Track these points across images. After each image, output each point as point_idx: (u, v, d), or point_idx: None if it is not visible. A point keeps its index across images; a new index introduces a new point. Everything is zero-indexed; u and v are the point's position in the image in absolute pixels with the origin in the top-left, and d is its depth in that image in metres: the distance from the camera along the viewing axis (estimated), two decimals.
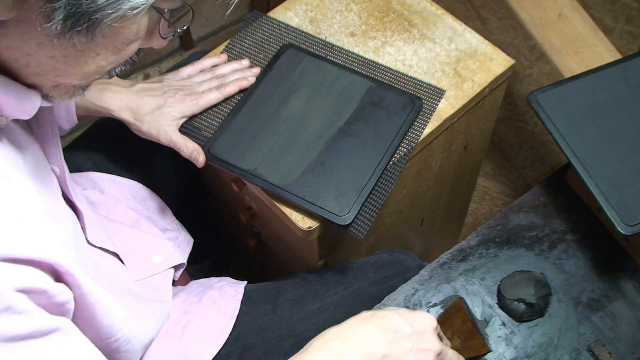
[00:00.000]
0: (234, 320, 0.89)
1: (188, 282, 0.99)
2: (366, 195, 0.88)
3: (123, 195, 0.97)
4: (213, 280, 0.96)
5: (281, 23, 1.06)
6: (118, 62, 0.59)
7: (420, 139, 0.94)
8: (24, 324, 0.52)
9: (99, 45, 0.56)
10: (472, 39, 1.03)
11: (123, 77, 1.02)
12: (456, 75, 1.00)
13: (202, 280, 0.97)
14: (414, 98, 0.96)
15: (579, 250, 0.93)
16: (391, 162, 0.92)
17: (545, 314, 0.88)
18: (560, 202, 0.97)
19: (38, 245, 0.55)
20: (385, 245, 1.13)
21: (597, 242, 0.93)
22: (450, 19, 1.05)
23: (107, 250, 0.80)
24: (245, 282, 0.96)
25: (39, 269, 0.55)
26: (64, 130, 0.91)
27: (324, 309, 0.91)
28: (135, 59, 0.62)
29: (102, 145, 1.01)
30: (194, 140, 0.92)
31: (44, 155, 0.70)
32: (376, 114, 0.95)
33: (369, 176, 0.89)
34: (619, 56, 1.21)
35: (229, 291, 0.93)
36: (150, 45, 0.63)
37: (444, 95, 0.98)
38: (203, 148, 0.92)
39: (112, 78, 0.92)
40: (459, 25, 1.05)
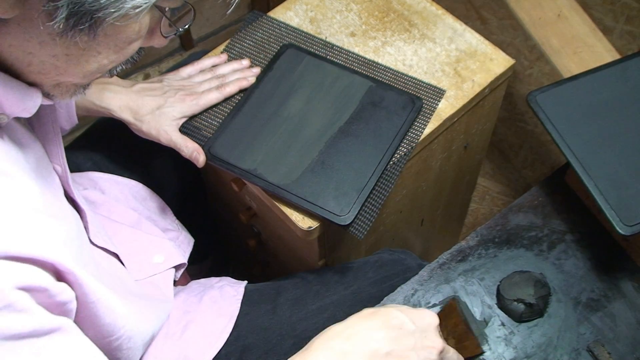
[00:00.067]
0: (234, 320, 0.89)
1: (188, 282, 0.99)
2: (366, 195, 0.88)
3: (124, 195, 0.97)
4: (213, 280, 0.96)
5: (281, 23, 1.06)
6: (119, 61, 0.60)
7: (420, 139, 0.94)
8: (24, 323, 0.52)
9: (101, 44, 0.56)
10: (472, 39, 1.03)
11: (123, 77, 1.02)
12: (456, 75, 1.00)
13: (202, 280, 0.97)
14: (414, 98, 0.96)
15: (579, 250, 0.93)
16: (391, 162, 0.92)
17: (544, 314, 0.88)
18: (560, 203, 0.97)
19: (39, 244, 0.55)
20: (385, 245, 1.13)
21: (597, 243, 0.93)
22: (450, 19, 1.06)
23: (108, 250, 0.80)
24: (246, 282, 0.96)
25: (41, 267, 0.55)
26: (64, 130, 0.91)
27: (324, 308, 0.91)
28: (136, 58, 0.63)
29: (103, 145, 1.01)
30: (194, 140, 0.92)
31: (45, 154, 0.70)
32: (376, 114, 0.95)
33: (369, 176, 0.90)
34: (618, 56, 1.21)
35: (229, 291, 0.93)
36: (152, 44, 0.63)
37: (444, 95, 0.98)
38: (203, 148, 0.92)
39: (112, 78, 0.92)
40: (459, 25, 1.05)
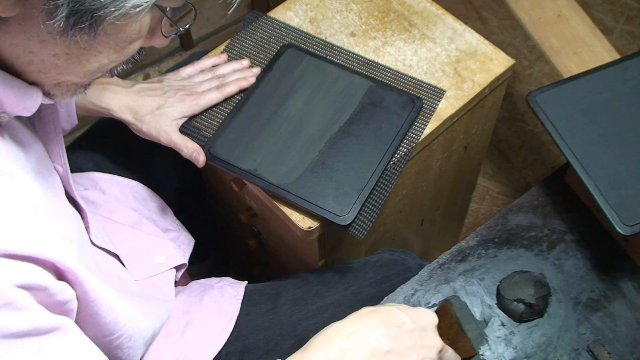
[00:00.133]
0: (235, 320, 0.89)
1: (188, 283, 0.99)
2: (366, 196, 0.88)
3: (124, 196, 0.97)
4: (213, 280, 0.96)
5: (281, 23, 1.06)
6: (120, 61, 0.60)
7: (420, 139, 0.94)
8: (23, 321, 0.52)
9: (101, 43, 0.56)
10: (472, 39, 1.03)
11: (123, 77, 1.02)
12: (456, 75, 1.00)
13: (203, 280, 0.97)
14: (414, 98, 0.96)
15: (578, 250, 0.93)
16: (391, 162, 0.92)
17: (544, 314, 0.88)
18: (560, 203, 0.97)
19: (40, 242, 0.55)
20: (386, 245, 1.13)
21: (597, 243, 0.93)
22: (450, 19, 1.06)
23: (109, 251, 0.80)
24: (246, 282, 0.96)
25: (41, 266, 0.55)
26: (64, 131, 0.90)
27: (325, 308, 0.91)
28: (137, 57, 0.63)
29: (103, 145, 1.01)
30: (194, 140, 0.92)
31: (46, 153, 0.70)
32: (376, 114, 0.95)
33: (369, 176, 0.90)
34: (618, 56, 1.21)
35: (230, 291, 0.93)
36: (152, 44, 0.63)
37: (444, 95, 0.98)
38: (203, 148, 0.92)
39: (112, 78, 0.92)
40: (459, 25, 1.05)
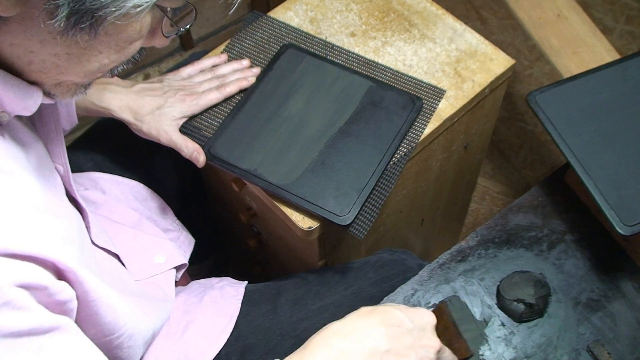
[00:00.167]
0: (235, 320, 0.89)
1: (188, 283, 0.99)
2: (366, 196, 0.88)
3: (124, 196, 0.97)
4: (213, 280, 0.96)
5: (281, 23, 1.06)
6: (120, 61, 0.60)
7: (420, 139, 0.94)
8: (23, 320, 0.52)
9: (102, 43, 0.56)
10: (472, 39, 1.03)
11: (123, 77, 1.02)
12: (456, 75, 1.00)
13: (203, 280, 0.98)
14: (414, 98, 0.96)
15: (578, 250, 0.93)
16: (391, 162, 0.92)
17: (544, 314, 0.88)
18: (560, 203, 0.97)
19: (40, 242, 0.55)
20: (386, 245, 1.13)
21: (596, 243, 0.93)
22: (450, 19, 1.06)
23: (109, 251, 0.80)
24: (246, 282, 0.96)
25: (41, 265, 0.55)
26: (64, 131, 0.90)
27: (325, 308, 0.91)
28: (137, 57, 0.63)
29: (103, 145, 1.01)
30: (194, 140, 0.92)
31: (47, 153, 0.70)
32: (376, 114, 0.95)
33: (369, 176, 0.90)
34: (618, 56, 1.21)
35: (230, 291, 0.93)
36: (153, 44, 0.63)
37: (444, 95, 0.98)
38: (203, 148, 0.92)
39: (113, 78, 0.92)
40: (459, 25, 1.05)
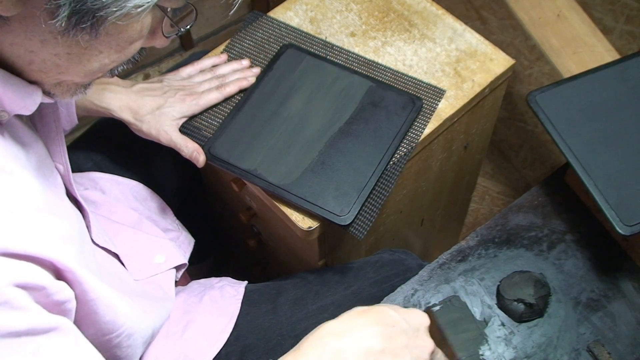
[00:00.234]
0: (235, 320, 0.89)
1: (188, 282, 0.99)
2: (366, 195, 0.88)
3: (124, 196, 0.97)
4: (213, 280, 0.96)
5: (281, 23, 1.06)
6: (121, 61, 0.60)
7: (420, 139, 0.94)
8: (20, 320, 0.52)
9: (103, 43, 0.56)
10: (472, 39, 1.03)
11: (123, 77, 1.02)
12: (456, 75, 1.00)
13: (203, 280, 0.98)
14: (414, 98, 0.96)
15: (578, 250, 0.93)
16: (391, 162, 0.92)
17: (544, 314, 0.88)
18: (560, 203, 0.97)
19: (39, 241, 0.55)
20: (385, 245, 1.13)
21: (596, 243, 0.93)
22: (450, 19, 1.06)
23: (109, 250, 0.80)
24: (246, 282, 0.96)
25: (39, 265, 0.55)
26: (64, 131, 0.91)
27: (325, 308, 0.91)
28: (137, 57, 0.63)
29: (103, 145, 1.01)
30: (194, 140, 0.92)
31: (47, 153, 0.70)
32: (376, 114, 0.95)
33: (369, 176, 0.90)
34: (618, 56, 1.21)
35: (230, 291, 0.93)
36: (153, 44, 0.63)
37: (444, 95, 0.98)
38: (203, 148, 0.92)
39: (112, 78, 0.92)
40: (459, 25, 1.05)
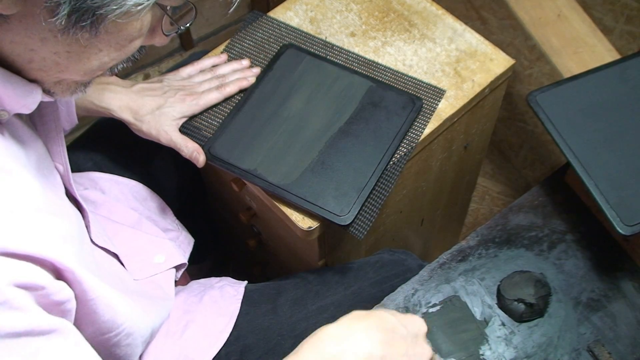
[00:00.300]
0: (235, 320, 0.89)
1: (188, 282, 0.99)
2: (366, 195, 0.88)
3: (124, 195, 0.97)
4: (213, 280, 0.96)
5: (281, 23, 1.06)
6: (121, 59, 0.60)
7: (420, 139, 0.94)
8: (20, 321, 0.52)
9: (102, 42, 0.56)
10: (472, 39, 1.03)
11: (123, 77, 1.02)
12: (456, 75, 1.00)
13: (203, 280, 0.98)
14: (414, 98, 0.96)
15: (579, 250, 0.93)
16: (391, 162, 0.92)
17: (544, 314, 0.88)
18: (560, 203, 0.97)
19: (38, 241, 0.55)
20: (385, 245, 1.13)
21: (597, 243, 0.93)
22: (450, 19, 1.06)
23: (109, 250, 0.80)
24: (246, 282, 0.96)
25: (39, 265, 0.55)
26: (64, 131, 0.90)
27: (325, 309, 0.91)
28: (137, 56, 0.63)
29: (103, 145, 1.01)
30: (194, 140, 0.92)
31: (47, 152, 0.70)
32: (376, 114, 0.95)
33: (369, 176, 0.90)
34: (618, 56, 1.21)
35: (230, 291, 0.93)
36: (153, 43, 0.63)
37: (444, 95, 0.98)
38: (203, 148, 0.92)
39: (112, 78, 0.92)
40: (459, 25, 1.05)
